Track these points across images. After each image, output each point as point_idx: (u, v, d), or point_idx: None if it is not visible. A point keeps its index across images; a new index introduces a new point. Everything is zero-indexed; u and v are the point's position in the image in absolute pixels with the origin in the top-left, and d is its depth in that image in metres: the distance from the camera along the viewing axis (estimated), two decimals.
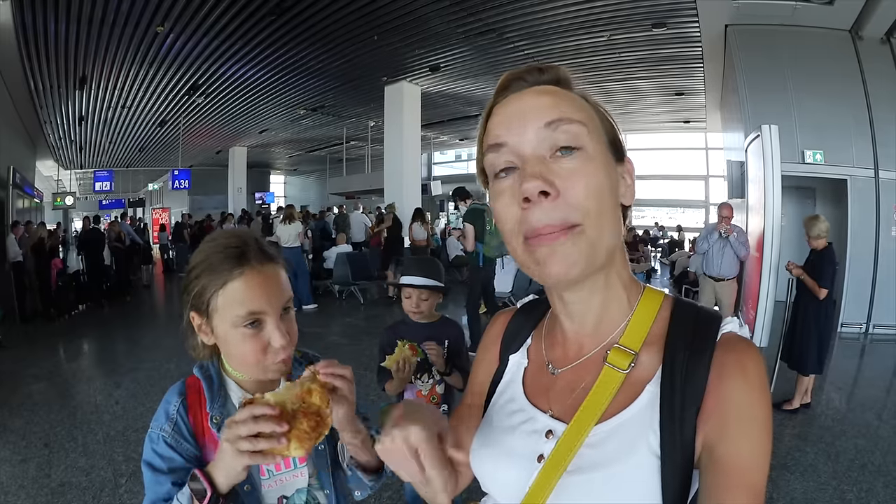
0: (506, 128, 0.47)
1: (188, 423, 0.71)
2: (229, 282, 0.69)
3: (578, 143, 0.45)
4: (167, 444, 0.69)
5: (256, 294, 0.69)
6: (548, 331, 0.59)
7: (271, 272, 0.72)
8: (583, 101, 0.50)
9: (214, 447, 0.69)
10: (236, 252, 0.70)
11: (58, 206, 13.27)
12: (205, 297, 0.70)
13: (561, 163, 0.45)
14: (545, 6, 5.82)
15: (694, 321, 0.49)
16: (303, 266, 6.78)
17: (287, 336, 0.70)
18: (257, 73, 8.07)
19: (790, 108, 5.56)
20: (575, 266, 0.44)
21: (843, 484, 2.38)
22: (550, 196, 0.43)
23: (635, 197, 0.52)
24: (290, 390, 0.58)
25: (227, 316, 0.69)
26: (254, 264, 0.70)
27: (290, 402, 0.57)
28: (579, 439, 0.46)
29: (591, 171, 0.45)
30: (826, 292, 3.18)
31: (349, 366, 0.67)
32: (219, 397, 0.73)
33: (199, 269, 0.71)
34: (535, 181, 0.43)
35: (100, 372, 4.37)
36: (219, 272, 0.69)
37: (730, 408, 0.43)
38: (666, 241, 12.83)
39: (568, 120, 0.45)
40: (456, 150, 17.88)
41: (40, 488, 2.36)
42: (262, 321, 0.69)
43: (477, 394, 0.64)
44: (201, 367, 0.76)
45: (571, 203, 0.44)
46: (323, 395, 0.59)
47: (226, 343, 0.71)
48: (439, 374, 1.62)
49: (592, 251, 0.45)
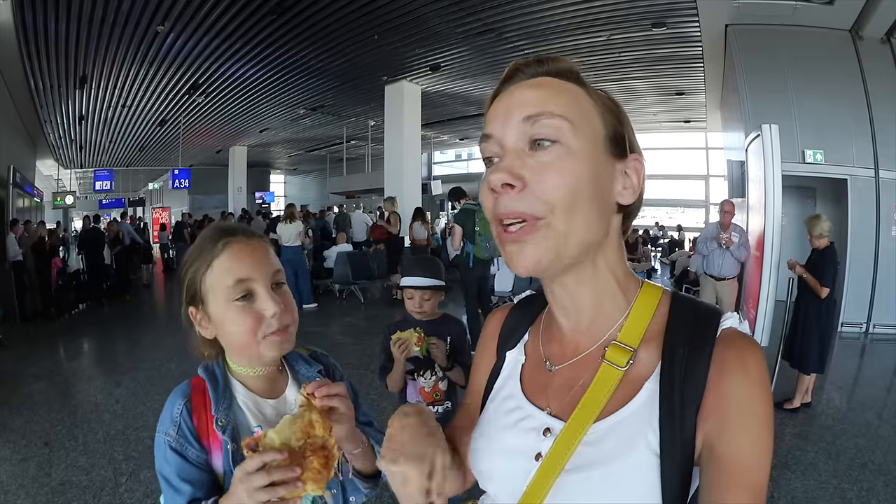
0: (493, 120, 0.49)
1: (192, 426, 0.70)
2: (216, 258, 0.70)
3: (556, 136, 0.45)
4: (172, 450, 0.68)
5: (244, 262, 0.70)
6: (545, 327, 0.58)
7: (257, 243, 0.73)
8: (582, 93, 0.49)
9: (220, 449, 0.69)
10: (220, 232, 0.72)
11: (58, 205, 13.29)
12: (196, 283, 0.71)
13: (537, 156, 0.46)
14: (545, 6, 5.81)
15: (693, 317, 0.48)
16: (303, 265, 6.77)
17: (279, 304, 0.69)
18: (257, 72, 8.07)
19: (790, 107, 5.56)
20: (540, 262, 0.45)
21: (844, 483, 2.38)
22: (516, 188, 0.45)
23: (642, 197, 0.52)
24: (291, 425, 0.58)
25: (219, 292, 0.69)
26: (238, 236, 0.72)
27: (295, 438, 0.57)
28: (577, 437, 0.46)
29: (566, 166, 0.45)
30: (827, 291, 3.18)
31: (341, 383, 0.67)
32: (224, 399, 0.72)
33: (190, 259, 0.73)
34: (500, 174, 0.45)
35: (100, 371, 4.37)
36: (205, 253, 0.71)
37: (730, 404, 0.42)
38: (666, 241, 12.85)
39: (548, 114, 0.46)
40: (456, 149, 17.88)
41: (40, 487, 2.36)
42: (253, 291, 0.69)
43: (476, 393, 0.64)
44: (206, 368, 0.75)
45: (538, 196, 0.44)
46: (325, 423, 0.59)
47: (223, 326, 0.70)
48: (441, 368, 1.62)
49: (560, 244, 0.45)
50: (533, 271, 0.46)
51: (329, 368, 0.86)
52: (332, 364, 0.87)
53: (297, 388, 0.78)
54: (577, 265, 0.48)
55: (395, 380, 1.62)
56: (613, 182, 0.49)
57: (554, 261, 0.46)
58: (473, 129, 13.36)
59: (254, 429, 0.72)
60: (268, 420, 0.74)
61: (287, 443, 0.56)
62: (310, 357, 0.85)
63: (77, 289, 7.21)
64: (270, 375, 0.76)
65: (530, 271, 0.46)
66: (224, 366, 0.76)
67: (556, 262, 0.46)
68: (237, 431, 0.70)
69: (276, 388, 0.78)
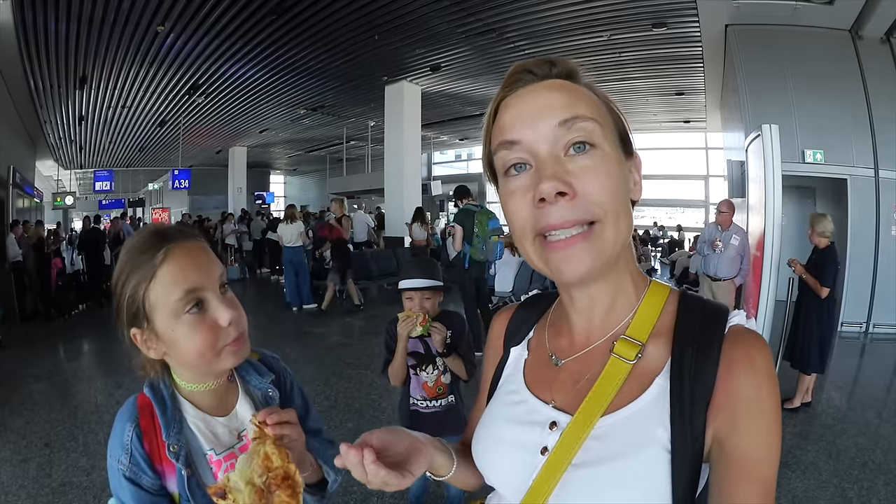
0: (520, 125, 0.46)
1: (144, 452, 0.66)
2: (157, 269, 0.63)
3: (593, 140, 0.45)
4: (126, 479, 0.65)
5: (189, 271, 0.64)
6: (552, 322, 0.59)
7: (196, 246, 0.68)
8: (593, 95, 0.49)
9: (174, 473, 0.66)
10: (153, 240, 0.65)
11: (58, 205, 13.29)
12: (137, 300, 0.64)
13: (576, 161, 0.45)
14: (545, 6, 5.82)
15: (701, 315, 0.48)
16: (304, 265, 6.77)
17: (233, 310, 0.65)
18: (257, 72, 8.07)
19: (790, 107, 5.56)
20: (592, 269, 0.45)
21: (844, 482, 2.39)
22: (567, 196, 0.44)
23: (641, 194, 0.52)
24: (250, 462, 0.57)
25: (166, 306, 0.63)
26: (178, 240, 0.66)
27: (257, 475, 0.56)
28: (585, 431, 0.46)
29: (607, 169, 0.45)
30: (828, 291, 3.19)
31: (291, 409, 0.65)
32: (174, 423, 0.68)
33: (124, 273, 0.66)
34: (553, 182, 0.43)
35: (100, 372, 4.37)
36: (143, 266, 0.64)
37: (739, 401, 0.43)
38: (666, 241, 12.85)
39: (583, 118, 0.45)
40: (456, 150, 17.88)
41: (41, 488, 2.36)
42: (204, 300, 0.65)
43: (485, 390, 0.64)
44: (151, 386, 0.70)
45: (590, 201, 0.44)
46: (281, 453, 0.58)
47: (174, 343, 0.65)
48: (439, 355, 1.64)
49: (608, 249, 0.45)
50: (585, 277, 0.46)
51: (280, 375, 0.83)
52: (282, 369, 0.84)
53: (247, 401, 0.76)
54: (612, 269, 0.49)
55: (396, 370, 1.64)
56: (629, 180, 0.50)
57: (603, 266, 0.46)
58: (473, 129, 13.35)
59: (206, 452, 0.69)
60: (220, 441, 0.71)
61: (250, 481, 0.56)
62: (260, 363, 0.81)
63: (77, 289, 7.21)
64: (220, 390, 0.73)
65: (582, 277, 0.46)
66: (171, 383, 0.72)
67: (603, 268, 0.46)
68: (190, 457, 0.67)
69: (227, 402, 0.74)
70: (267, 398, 0.78)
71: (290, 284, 6.64)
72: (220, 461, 0.69)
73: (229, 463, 0.69)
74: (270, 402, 0.77)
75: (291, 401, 0.82)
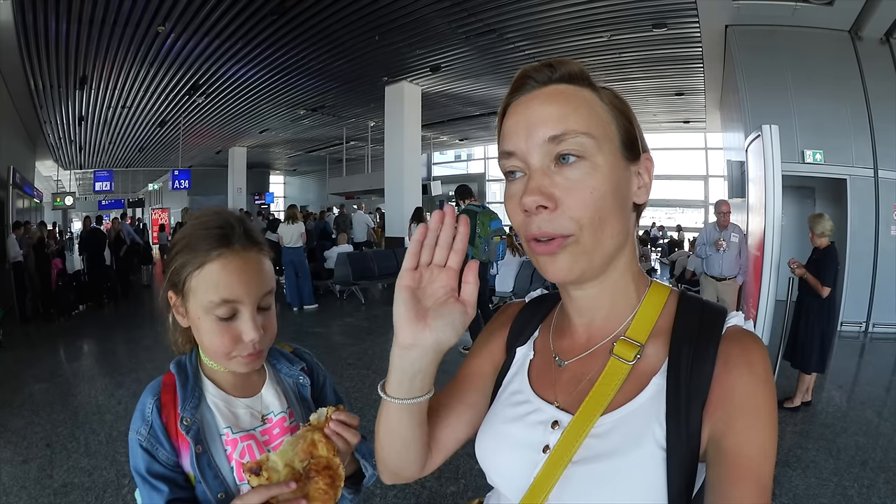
0: (515, 136, 0.49)
1: (162, 424, 0.66)
2: (206, 263, 0.65)
3: (582, 153, 0.46)
4: (143, 449, 0.66)
5: (233, 280, 0.65)
6: (556, 324, 0.59)
7: (253, 258, 0.68)
8: (595, 99, 0.49)
9: (188, 450, 0.66)
10: (219, 233, 0.66)
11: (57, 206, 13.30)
12: (182, 276, 0.66)
13: (563, 173, 0.46)
14: (546, 6, 5.82)
15: (699, 315, 0.49)
16: (305, 266, 6.78)
17: (260, 331, 0.66)
18: (258, 73, 8.07)
19: (790, 108, 5.58)
20: (571, 272, 0.48)
21: (845, 480, 2.39)
22: (548, 209, 0.46)
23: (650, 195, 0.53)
24: (294, 446, 0.57)
25: (201, 299, 0.65)
26: (235, 247, 0.66)
27: (298, 459, 0.56)
28: (585, 429, 0.47)
29: (593, 182, 0.46)
30: (829, 291, 3.19)
31: (356, 416, 0.63)
32: (192, 398, 0.68)
33: (180, 245, 0.68)
34: (534, 196, 0.46)
35: (101, 372, 4.37)
36: (197, 252, 0.65)
37: (736, 400, 0.43)
38: (665, 242, 12.86)
39: (573, 133, 0.46)
40: (456, 150, 17.88)
41: (42, 489, 2.36)
42: (237, 311, 0.65)
43: (469, 375, 0.63)
44: (178, 363, 0.73)
45: (568, 214, 0.46)
46: (328, 444, 0.58)
47: (196, 328, 0.67)
48: None
49: (588, 258, 0.47)
50: (565, 280, 0.49)
51: (312, 367, 0.83)
52: (315, 363, 0.85)
53: (273, 387, 0.76)
54: (600, 274, 0.50)
55: None
56: (630, 185, 0.51)
57: (585, 272, 0.48)
58: (473, 129, 13.36)
59: (222, 430, 0.69)
60: (239, 421, 0.70)
61: (290, 463, 0.56)
62: (292, 354, 0.82)
63: (77, 290, 7.21)
64: (245, 373, 0.73)
65: (562, 280, 0.49)
66: (197, 360, 0.73)
67: (587, 272, 0.49)
68: (202, 433, 0.67)
69: (252, 385, 0.74)
70: (298, 385, 0.79)
71: (291, 285, 6.64)
72: (235, 440, 0.69)
73: (246, 444, 0.69)
74: (302, 389, 0.78)
75: (324, 395, 0.83)
